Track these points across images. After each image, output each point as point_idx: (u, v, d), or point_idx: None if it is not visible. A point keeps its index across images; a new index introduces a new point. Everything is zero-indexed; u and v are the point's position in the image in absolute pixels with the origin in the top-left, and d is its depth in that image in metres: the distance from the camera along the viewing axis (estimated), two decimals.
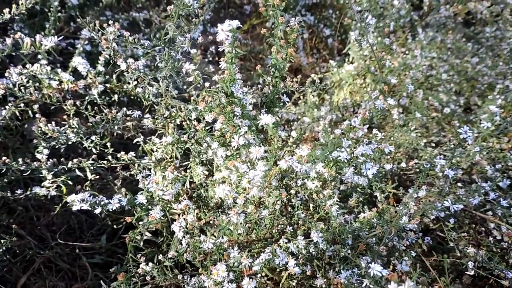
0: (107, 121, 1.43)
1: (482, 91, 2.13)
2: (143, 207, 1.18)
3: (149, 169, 2.04)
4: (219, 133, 1.19)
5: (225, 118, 1.12)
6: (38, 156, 1.83)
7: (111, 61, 1.34)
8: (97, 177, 1.98)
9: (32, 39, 1.22)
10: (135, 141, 1.95)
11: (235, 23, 1.01)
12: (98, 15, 2.89)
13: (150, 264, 1.20)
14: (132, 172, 2.02)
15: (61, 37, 1.45)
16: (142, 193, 1.21)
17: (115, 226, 2.17)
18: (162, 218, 1.18)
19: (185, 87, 1.99)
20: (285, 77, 1.20)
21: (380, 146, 1.05)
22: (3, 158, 1.54)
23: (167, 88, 1.27)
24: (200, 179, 1.71)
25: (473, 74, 2.06)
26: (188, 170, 1.78)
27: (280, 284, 1.33)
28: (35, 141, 1.97)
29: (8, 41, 1.18)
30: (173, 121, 1.39)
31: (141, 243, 1.93)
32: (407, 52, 2.50)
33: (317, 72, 2.88)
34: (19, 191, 1.90)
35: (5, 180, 2.02)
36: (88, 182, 1.95)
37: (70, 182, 1.89)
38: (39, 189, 1.88)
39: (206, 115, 1.28)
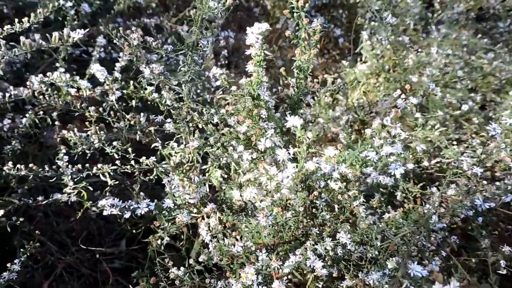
0: (130, 127, 1.44)
1: (499, 87, 2.11)
2: (170, 211, 1.19)
3: (167, 174, 2.06)
4: (245, 136, 1.19)
5: (252, 121, 1.12)
6: (59, 162, 1.85)
7: (133, 66, 1.34)
8: (117, 182, 2.00)
9: (60, 32, 1.22)
10: (152, 145, 1.96)
11: (265, 26, 1.02)
12: (110, 22, 2.92)
13: (182, 268, 1.20)
14: (151, 177, 2.03)
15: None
16: (168, 197, 1.22)
17: (134, 231, 2.18)
18: (189, 221, 1.19)
19: (198, 91, 2.00)
20: (307, 77, 1.20)
21: (412, 145, 1.05)
22: (30, 165, 1.56)
23: (189, 92, 1.28)
24: (220, 182, 1.72)
25: (490, 70, 2.04)
26: (207, 174, 1.79)
27: (306, 287, 1.33)
28: (56, 148, 2.00)
29: (37, 36, 1.20)
30: (195, 126, 1.40)
31: (162, 248, 1.95)
32: (419, 49, 2.49)
33: (329, 73, 2.88)
34: (40, 198, 1.92)
35: (25, 187, 2.05)
36: (108, 187, 1.96)
37: (90, 188, 1.90)
38: (60, 195, 1.89)
39: (229, 118, 1.28)
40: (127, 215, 1.13)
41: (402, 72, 2.40)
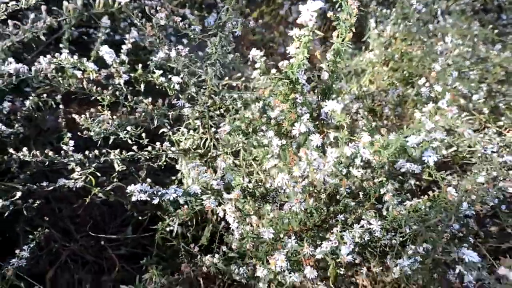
0: (148, 112, 1.39)
1: (506, 78, 2.13)
2: (196, 197, 1.16)
3: (176, 160, 2.02)
4: (275, 121, 1.17)
5: (288, 105, 1.10)
6: (64, 147, 1.80)
7: (155, 48, 1.29)
8: (124, 168, 1.95)
9: None
10: (160, 131, 1.92)
11: (319, 3, 0.98)
12: (108, 4, 2.82)
13: (216, 255, 1.18)
14: (159, 163, 2.00)
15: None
16: (195, 183, 1.19)
17: (139, 218, 2.14)
18: (215, 206, 1.16)
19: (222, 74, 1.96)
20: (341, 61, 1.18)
21: (460, 130, 1.04)
22: (46, 150, 1.50)
23: (212, 76, 1.24)
24: (230, 169, 1.70)
25: (499, 61, 2.06)
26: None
27: (328, 273, 1.33)
28: (59, 131, 1.94)
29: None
30: (217, 110, 1.36)
31: (173, 235, 1.93)
32: (425, 39, 2.49)
33: None
34: (45, 183, 1.86)
35: (27, 172, 1.99)
36: (116, 173, 1.91)
37: (98, 174, 1.85)
38: (66, 181, 1.83)
39: (253, 104, 1.25)
40: (156, 201, 1.10)
41: (408, 61, 2.40)
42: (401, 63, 2.40)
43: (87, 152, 1.56)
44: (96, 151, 1.54)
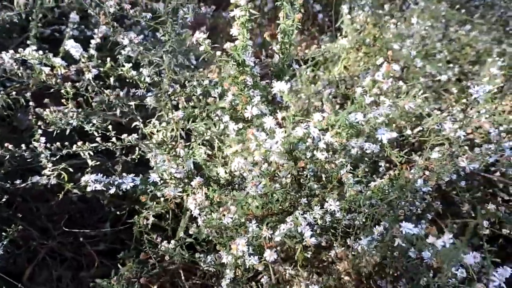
0: (109, 102, 1.39)
1: (476, 58, 2.15)
2: (156, 186, 1.16)
3: (150, 151, 2.01)
4: (230, 106, 1.17)
5: (237, 88, 1.09)
6: (35, 144, 1.78)
7: (110, 38, 1.28)
8: (98, 163, 1.94)
9: None
10: (133, 125, 1.91)
11: None
12: None
13: (172, 241, 1.19)
14: (133, 157, 1.99)
15: None
16: (154, 172, 1.19)
17: (117, 213, 2.14)
18: (176, 198, 1.16)
19: (179, 61, 1.95)
20: (292, 44, 1.18)
21: (400, 104, 1.04)
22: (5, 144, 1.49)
23: (170, 63, 1.24)
24: (204, 159, 1.70)
25: (467, 41, 2.07)
26: (190, 151, 1.76)
27: (296, 257, 1.34)
28: (31, 129, 1.92)
29: None
30: (178, 98, 1.36)
31: (148, 228, 1.92)
32: (397, 23, 2.50)
33: (310, 49, 2.85)
34: (18, 181, 1.85)
35: (1, 171, 1.97)
36: (89, 168, 1.91)
37: (71, 170, 1.84)
38: (39, 178, 1.83)
39: (212, 90, 1.25)
40: (112, 190, 1.09)
41: (381, 46, 2.41)
42: (373, 47, 2.41)
43: (48, 145, 1.55)
44: (58, 143, 1.52)
